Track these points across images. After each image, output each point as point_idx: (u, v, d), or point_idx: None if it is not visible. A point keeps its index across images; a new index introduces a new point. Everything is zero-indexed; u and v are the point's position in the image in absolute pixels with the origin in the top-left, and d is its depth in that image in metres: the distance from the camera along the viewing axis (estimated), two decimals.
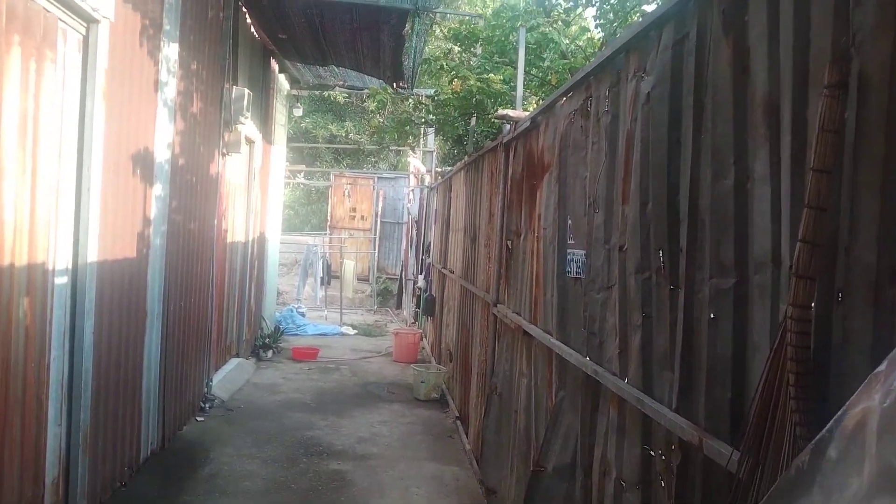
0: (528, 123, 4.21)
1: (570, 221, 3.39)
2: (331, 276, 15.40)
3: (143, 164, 4.90)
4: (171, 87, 5.34)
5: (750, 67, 1.84)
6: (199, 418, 6.59)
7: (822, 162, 1.41)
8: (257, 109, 9.05)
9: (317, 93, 21.04)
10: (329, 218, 18.09)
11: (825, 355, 1.50)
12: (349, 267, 15.75)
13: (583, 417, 3.08)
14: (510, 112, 4.60)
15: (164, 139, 5.28)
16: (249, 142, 8.91)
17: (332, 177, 18.32)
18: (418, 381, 7.94)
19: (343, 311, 14.70)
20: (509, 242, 4.78)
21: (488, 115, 6.93)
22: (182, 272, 5.99)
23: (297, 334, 12.07)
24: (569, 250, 3.38)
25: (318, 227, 20.56)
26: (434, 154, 13.03)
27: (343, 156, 22.39)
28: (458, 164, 7.90)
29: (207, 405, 6.88)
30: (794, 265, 1.46)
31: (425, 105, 6.81)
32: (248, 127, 8.20)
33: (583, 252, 3.18)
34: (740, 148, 1.90)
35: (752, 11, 1.84)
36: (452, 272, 8.09)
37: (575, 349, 3.21)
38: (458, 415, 6.99)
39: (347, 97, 20.49)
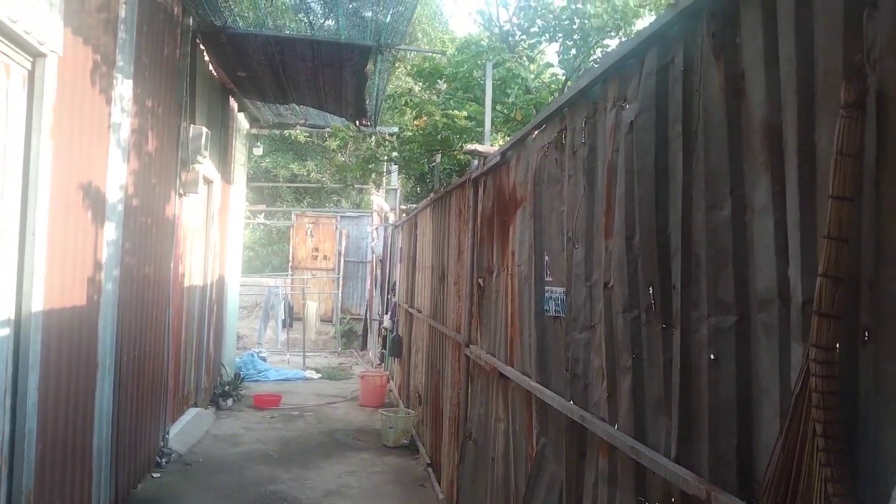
0: (497, 158, 4.10)
1: (546, 258, 3.25)
2: (293, 318, 15.02)
3: (95, 204, 4.64)
4: (124, 126, 5.11)
5: (745, 91, 1.73)
6: (154, 475, 6.20)
7: (841, 189, 1.29)
8: (216, 148, 8.83)
9: (277, 132, 20.90)
10: (291, 258, 17.76)
11: (852, 402, 1.35)
12: (312, 308, 15.40)
13: (568, 466, 2.89)
14: (479, 147, 4.50)
15: (116, 179, 5.03)
16: (208, 182, 8.66)
17: (293, 216, 18.04)
18: (386, 426, 7.66)
19: (306, 353, 14.30)
20: (481, 280, 4.63)
21: (454, 151, 6.85)
22: (136, 319, 5.67)
23: (258, 380, 11.66)
24: (547, 288, 3.23)
25: (279, 268, 20.18)
26: (398, 192, 12.89)
27: (304, 195, 22.15)
28: (424, 201, 7.77)
29: (164, 460, 6.49)
30: (817, 303, 1.32)
31: (390, 142, 6.68)
32: (206, 167, 7.96)
33: (562, 289, 3.04)
34: (737, 176, 1.79)
35: (745, 33, 1.74)
36: (420, 311, 7.89)
37: (557, 392, 3.04)
38: (429, 461, 6.72)
39: (308, 136, 20.34)
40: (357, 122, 7.96)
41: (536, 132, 3.47)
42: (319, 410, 9.44)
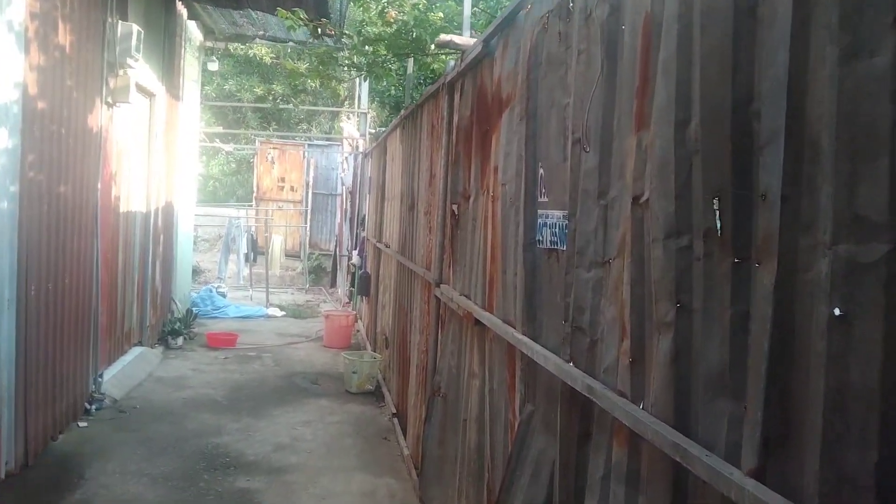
0: (479, 49, 3.23)
1: (541, 171, 2.44)
2: (257, 252, 14.16)
3: None
4: (17, 6, 4.12)
5: None
6: (81, 423, 5.44)
7: None
8: (157, 56, 7.77)
9: (241, 52, 19.50)
10: (255, 189, 16.73)
11: None
12: (277, 242, 14.56)
13: (564, 446, 2.16)
14: (455, 38, 3.62)
15: (9, 74, 4.07)
16: (148, 94, 7.63)
17: (257, 143, 16.91)
18: (350, 371, 6.96)
19: (271, 290, 13.50)
20: (455, 207, 3.82)
21: (427, 54, 5.90)
22: (49, 246, 4.80)
23: (216, 317, 10.87)
24: (540, 211, 2.44)
25: (244, 198, 19.16)
26: (368, 116, 11.90)
27: (271, 122, 20.92)
28: (394, 121, 6.87)
29: (94, 406, 5.72)
30: None
31: (351, 40, 5.70)
32: (142, 74, 6.93)
33: (561, 213, 2.25)
34: None
35: None
36: (388, 247, 7.10)
37: (551, 349, 2.29)
38: (394, 411, 6.05)
39: (275, 57, 18.98)
40: (320, 31, 6.94)
41: (531, 5, 2.60)
42: (279, 351, 8.71)
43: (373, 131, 10.30)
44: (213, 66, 11.40)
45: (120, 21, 5.95)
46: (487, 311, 3.07)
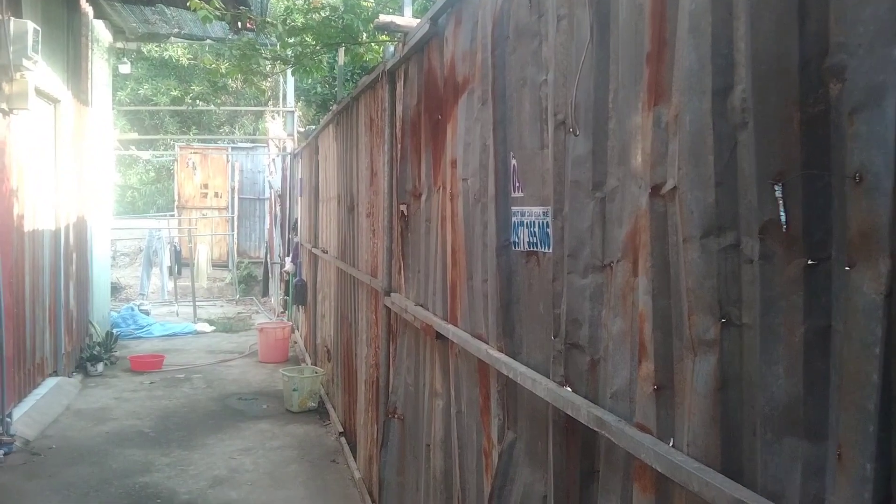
0: (425, 29, 2.87)
1: (513, 162, 2.11)
2: (181, 264, 13.39)
3: None
4: None
5: None
6: None
7: None
8: (60, 58, 7.07)
9: (156, 54, 18.51)
10: (177, 197, 15.85)
11: None
12: (202, 252, 13.81)
13: (559, 481, 1.84)
14: (396, 19, 3.24)
15: None
16: (52, 100, 6.94)
17: (177, 149, 16.03)
18: (289, 389, 6.48)
19: (199, 303, 12.78)
20: (404, 208, 3.45)
21: (359, 44, 5.47)
22: None
23: (140, 337, 10.15)
24: (515, 209, 2.11)
25: (165, 208, 18.18)
26: (295, 115, 11.35)
27: (191, 125, 19.94)
28: (325, 117, 6.43)
29: (2, 451, 5.07)
30: None
31: (276, 30, 5.22)
32: (43, 78, 6.26)
33: (542, 209, 1.92)
34: None
35: None
36: (326, 252, 6.65)
37: (536, 368, 1.96)
38: (341, 429, 5.63)
39: (193, 58, 18.07)
40: (239, 23, 6.42)
41: None
42: (211, 371, 8.12)
43: (301, 130, 9.79)
44: (125, 68, 10.62)
45: (12, 18, 5.29)
46: (451, 324, 2.72)
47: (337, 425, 5.80)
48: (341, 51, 5.67)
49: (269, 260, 13.69)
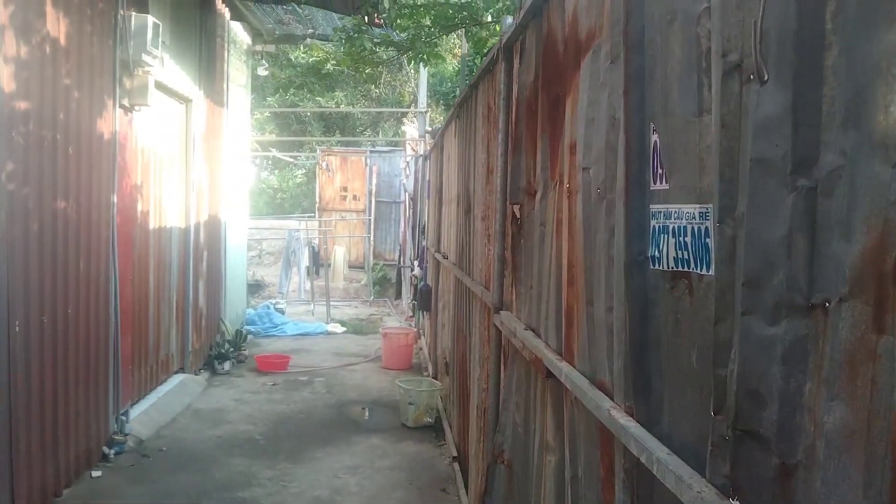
0: None
1: (654, 138, 1.43)
2: (319, 264, 13.51)
3: None
4: None
5: None
6: (94, 473, 4.72)
7: None
8: (192, 58, 7.11)
9: (303, 61, 19.07)
10: (318, 199, 16.14)
11: None
12: (339, 254, 13.89)
13: None
14: None
15: None
16: (183, 99, 6.97)
17: (318, 152, 16.34)
18: (405, 402, 6.04)
19: (334, 303, 12.83)
20: (516, 209, 2.83)
21: (482, 26, 4.84)
22: (43, 273, 4.09)
23: (273, 335, 10.23)
24: (655, 208, 1.43)
25: (309, 209, 18.65)
26: (427, 116, 11.03)
27: (335, 130, 20.40)
28: (449, 113, 5.94)
29: (114, 450, 5.01)
30: None
31: (388, 12, 4.74)
32: (170, 75, 6.26)
33: (699, 209, 1.24)
34: None
35: None
36: (446, 258, 6.16)
37: (681, 450, 1.28)
38: (455, 453, 5.08)
39: (336, 64, 18.42)
40: (367, 19, 6.08)
41: None
42: (333, 375, 7.90)
43: (430, 129, 9.42)
44: (263, 71, 10.78)
45: (134, 13, 5.24)
46: (565, 361, 2.07)
47: (451, 448, 5.26)
48: (463, 37, 5.14)
49: (401, 262, 13.52)
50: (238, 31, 9.30)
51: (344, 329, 11.01)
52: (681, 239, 1.31)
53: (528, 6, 2.53)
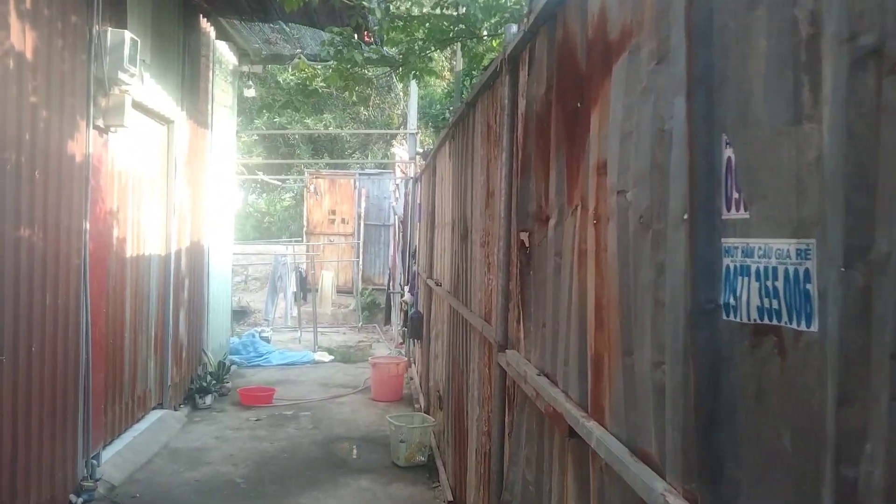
0: None
1: (728, 154, 1.13)
2: (306, 290, 13.14)
3: None
4: None
5: None
6: None
7: None
8: (174, 77, 6.81)
9: (291, 82, 18.83)
10: (306, 223, 15.81)
11: None
12: (327, 279, 13.53)
13: None
14: None
15: None
16: (164, 120, 6.67)
17: (306, 175, 16.04)
18: (396, 439, 5.67)
19: (322, 329, 12.47)
20: (525, 236, 2.53)
21: (479, 39, 4.57)
22: (3, 306, 3.73)
23: (258, 365, 9.83)
24: (728, 242, 1.12)
25: (297, 233, 18.31)
26: (417, 137, 10.78)
27: (322, 153, 20.13)
28: (442, 133, 5.67)
29: (81, 498, 4.61)
30: None
31: (376, 18, 4.45)
32: (149, 95, 5.95)
33: (794, 245, 0.94)
34: None
35: None
36: (439, 285, 5.84)
37: None
38: (451, 498, 4.72)
39: (325, 87, 18.19)
40: (357, 36, 5.83)
41: None
42: (320, 408, 7.51)
43: (421, 150, 9.16)
44: (250, 92, 10.51)
45: (110, 28, 4.95)
46: (593, 418, 1.76)
47: (447, 491, 4.90)
48: (458, 51, 4.88)
49: (391, 287, 13.19)
50: (224, 51, 9.04)
51: (332, 357, 10.62)
52: (768, 283, 1.01)
53: (538, 10, 2.25)
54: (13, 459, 3.85)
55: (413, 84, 11.34)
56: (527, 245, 2.47)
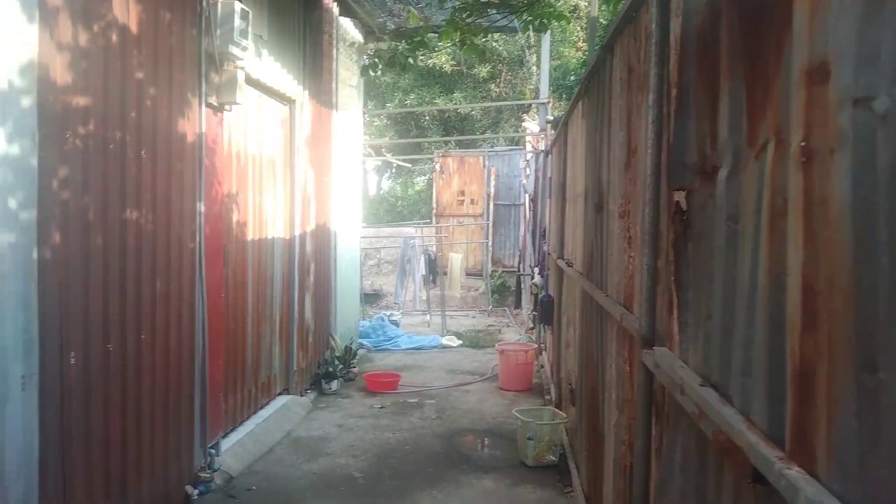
0: None
1: None
2: (435, 272, 12.89)
3: None
4: None
5: None
6: None
7: None
8: (294, 56, 6.63)
9: (422, 63, 18.66)
10: (435, 205, 15.58)
11: None
12: (456, 261, 13.20)
13: None
14: None
15: (5, 50, 2.88)
16: (286, 100, 6.50)
17: (435, 157, 15.78)
18: (524, 436, 5.16)
19: (451, 313, 12.19)
20: (681, 197, 1.90)
21: None
22: (108, 295, 3.59)
23: (387, 349, 9.68)
24: None
25: (427, 216, 18.18)
26: (549, 107, 10.11)
27: (453, 131, 19.82)
28: (575, 92, 5.04)
29: (198, 490, 4.49)
30: None
31: None
32: (265, 70, 5.77)
33: None
34: None
35: None
36: (570, 265, 5.23)
37: None
38: None
39: (455, 65, 17.85)
40: None
41: None
42: (445, 396, 7.15)
43: (551, 118, 8.51)
44: (377, 71, 10.26)
45: (220, 0, 4.75)
46: (796, 462, 1.14)
47: (580, 498, 4.32)
48: None
49: (521, 269, 12.64)
50: (348, 28, 8.82)
51: (460, 342, 10.28)
52: None
53: None
54: (123, 454, 3.73)
55: (545, 50, 10.64)
56: (684, 208, 1.85)
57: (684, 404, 1.78)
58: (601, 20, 7.48)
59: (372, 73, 6.46)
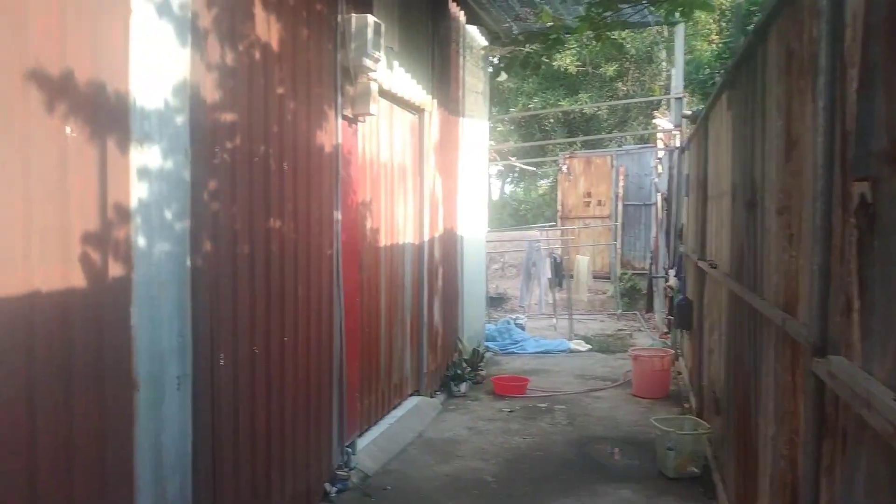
0: None
1: None
2: (561, 275, 12.67)
3: (100, 108, 2.72)
4: None
5: None
6: None
7: None
8: (423, 66, 6.73)
9: (544, 65, 18.51)
10: (560, 207, 15.33)
11: None
12: (582, 264, 12.90)
13: None
14: None
15: (162, 72, 3.09)
16: (415, 109, 6.61)
17: (560, 158, 15.53)
18: (663, 446, 4.91)
19: (577, 317, 11.91)
20: (865, 188, 1.70)
21: None
22: (255, 299, 3.77)
23: (513, 352, 9.62)
24: None
25: (551, 219, 17.94)
26: (684, 101, 9.65)
27: (578, 133, 19.45)
28: (718, 84, 4.76)
29: (336, 487, 4.62)
30: None
31: None
32: (397, 82, 5.88)
33: None
34: None
35: None
36: (714, 266, 4.92)
37: None
38: None
39: (581, 65, 17.52)
40: None
41: None
42: (576, 402, 6.97)
43: (688, 113, 8.11)
44: (502, 75, 10.26)
45: (353, 14, 4.88)
46: None
47: None
48: None
49: (653, 272, 12.15)
50: (475, 35, 8.86)
51: (588, 347, 10.02)
52: None
53: None
54: (268, 452, 3.89)
55: (679, 43, 10.19)
56: (869, 201, 1.65)
57: (872, 421, 1.58)
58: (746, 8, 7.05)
59: (506, 76, 6.45)
